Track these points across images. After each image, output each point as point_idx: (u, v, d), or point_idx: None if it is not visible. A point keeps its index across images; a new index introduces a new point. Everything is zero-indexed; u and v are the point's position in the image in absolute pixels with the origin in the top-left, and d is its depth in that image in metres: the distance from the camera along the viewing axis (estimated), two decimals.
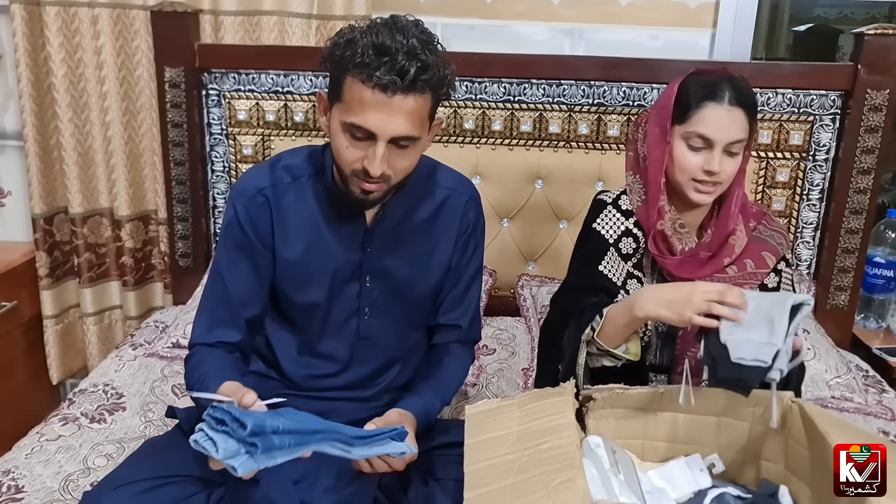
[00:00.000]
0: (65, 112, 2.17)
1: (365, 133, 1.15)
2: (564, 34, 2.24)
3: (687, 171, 1.32)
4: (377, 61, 1.10)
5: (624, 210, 1.42)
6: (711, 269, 1.36)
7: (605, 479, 1.01)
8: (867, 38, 1.91)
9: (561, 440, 0.99)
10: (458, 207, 1.39)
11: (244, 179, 1.34)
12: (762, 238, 1.41)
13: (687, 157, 1.31)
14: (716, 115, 1.28)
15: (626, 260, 1.41)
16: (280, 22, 2.13)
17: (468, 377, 1.76)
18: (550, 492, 0.89)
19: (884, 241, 2.13)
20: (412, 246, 1.36)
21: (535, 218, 2.13)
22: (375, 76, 1.10)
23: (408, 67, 1.10)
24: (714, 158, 1.29)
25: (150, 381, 1.75)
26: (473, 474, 0.97)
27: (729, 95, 1.28)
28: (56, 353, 2.36)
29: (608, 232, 1.41)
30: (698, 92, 1.30)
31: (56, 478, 1.37)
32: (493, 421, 1.09)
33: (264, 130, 2.14)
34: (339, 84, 1.16)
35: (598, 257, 1.40)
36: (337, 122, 1.18)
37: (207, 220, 2.22)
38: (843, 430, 1.04)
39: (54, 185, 2.29)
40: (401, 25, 1.14)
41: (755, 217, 1.44)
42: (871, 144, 1.95)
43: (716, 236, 1.38)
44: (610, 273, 1.39)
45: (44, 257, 2.28)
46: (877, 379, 1.88)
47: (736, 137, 1.29)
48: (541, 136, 2.08)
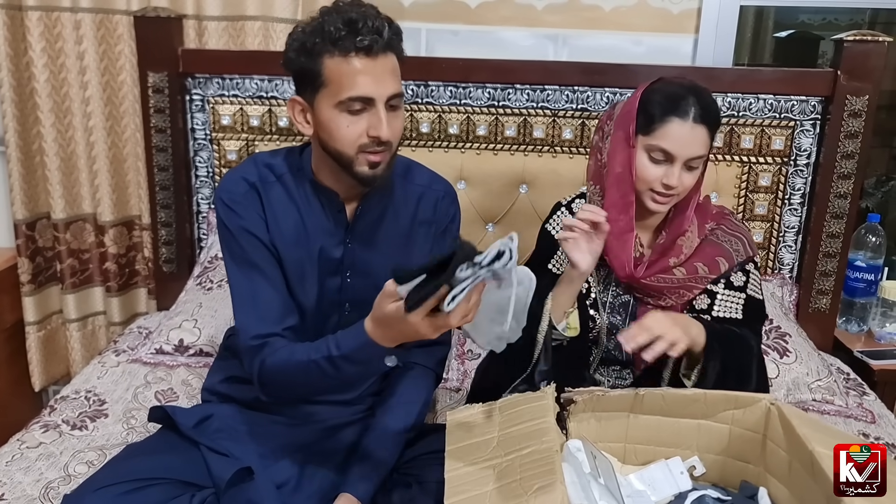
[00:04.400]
0: (47, 117, 2.16)
1: (362, 102, 1.18)
2: (548, 40, 2.25)
3: (646, 182, 1.34)
4: (353, 30, 1.15)
5: (575, 212, 1.46)
6: (657, 269, 1.39)
7: (585, 484, 1.01)
8: (846, 45, 1.93)
9: (541, 445, 0.99)
10: (434, 202, 1.40)
11: (230, 179, 1.34)
12: (717, 242, 1.42)
13: (648, 168, 1.33)
14: (679, 131, 1.29)
15: None
16: (264, 27, 2.13)
17: (452, 382, 1.77)
18: (530, 497, 0.90)
19: (865, 244, 2.15)
20: (391, 242, 1.37)
21: (520, 222, 2.13)
22: (357, 42, 1.15)
23: (381, 27, 1.17)
24: (674, 173, 1.31)
25: (133, 387, 1.74)
26: (454, 480, 0.98)
27: (694, 112, 1.29)
28: (38, 359, 2.35)
29: (558, 231, 1.45)
30: (664, 105, 1.31)
31: (36, 485, 1.36)
32: (474, 427, 1.09)
33: (248, 135, 2.13)
34: (317, 72, 1.19)
35: (547, 256, 1.49)
36: (328, 108, 1.20)
37: (191, 225, 2.21)
38: (822, 432, 1.05)
39: (36, 190, 2.28)
40: (355, 1, 1.20)
41: (714, 218, 1.45)
42: (851, 150, 1.96)
43: (667, 238, 1.41)
44: (558, 271, 1.46)
45: (26, 263, 2.26)
46: (858, 382, 1.89)
47: (697, 154, 1.31)
48: (525, 140, 2.08)
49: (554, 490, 0.90)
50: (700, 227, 1.42)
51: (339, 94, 1.17)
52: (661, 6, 2.20)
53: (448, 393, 1.75)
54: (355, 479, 1.26)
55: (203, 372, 1.76)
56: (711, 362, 1.30)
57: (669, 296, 1.40)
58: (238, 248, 1.30)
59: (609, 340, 1.46)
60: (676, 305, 1.42)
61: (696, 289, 1.40)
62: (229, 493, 1.21)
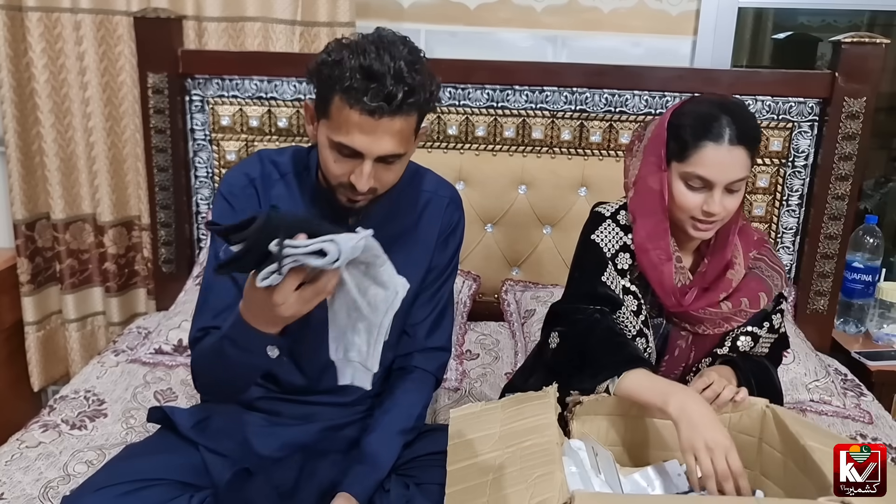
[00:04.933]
0: (47, 117, 2.17)
1: (352, 152, 1.16)
2: (547, 41, 2.25)
3: (686, 211, 1.27)
4: (365, 86, 1.10)
5: (622, 225, 1.37)
6: (706, 301, 1.33)
7: (585, 477, 1.02)
8: (844, 47, 1.93)
9: (542, 438, 1.00)
10: (439, 209, 1.40)
11: (232, 173, 1.34)
12: (761, 277, 1.37)
13: (687, 196, 1.26)
14: (716, 156, 1.22)
15: (622, 276, 1.36)
16: (264, 28, 2.13)
17: (451, 382, 1.77)
18: (529, 485, 0.91)
19: (863, 246, 2.15)
20: (395, 247, 1.35)
21: (518, 223, 2.14)
22: (363, 101, 1.10)
23: (395, 92, 1.10)
24: (714, 200, 1.23)
25: (133, 387, 1.74)
26: (455, 472, 0.99)
27: (729, 133, 1.21)
28: (38, 359, 2.35)
29: (607, 246, 1.37)
30: (696, 129, 1.24)
31: (36, 485, 1.37)
32: (477, 423, 1.10)
33: (248, 136, 2.14)
34: (326, 101, 1.16)
35: (600, 269, 1.35)
36: (324, 136, 1.19)
37: (191, 225, 2.21)
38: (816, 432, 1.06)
39: (36, 190, 2.28)
40: (387, 43, 1.14)
41: (755, 245, 1.40)
42: (848, 151, 1.97)
43: (712, 266, 1.35)
44: (612, 285, 1.35)
45: (25, 263, 2.27)
46: (855, 383, 1.90)
47: (737, 177, 1.24)
48: (524, 141, 2.09)
49: (553, 477, 0.90)
50: (745, 257, 1.37)
51: (335, 133, 1.16)
52: (660, 8, 2.20)
53: (447, 392, 1.76)
54: (353, 480, 1.26)
55: None
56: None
57: (709, 326, 1.36)
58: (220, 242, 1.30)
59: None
60: (711, 334, 1.37)
61: (734, 321, 1.35)
62: (228, 495, 1.22)
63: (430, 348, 1.44)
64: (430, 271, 1.41)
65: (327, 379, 1.38)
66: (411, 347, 1.43)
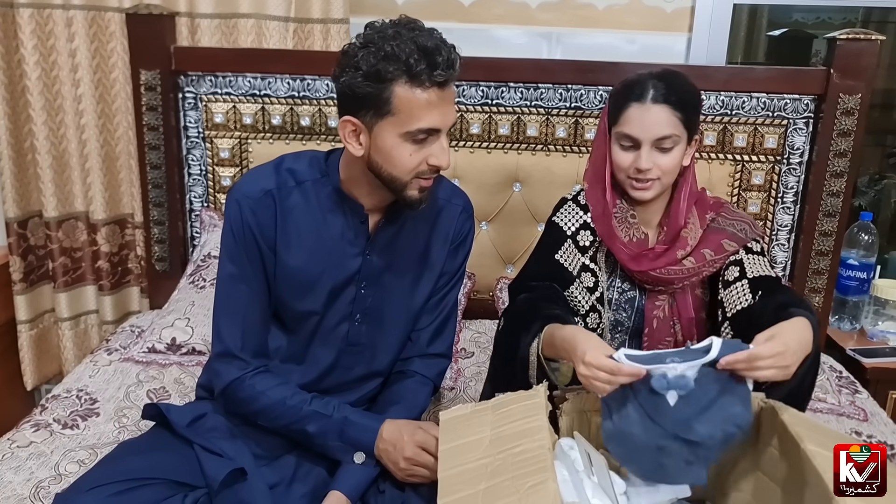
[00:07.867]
0: (39, 115, 2.15)
1: (428, 133, 1.18)
2: (542, 38, 2.25)
3: (621, 170, 1.37)
4: (431, 61, 1.13)
5: (582, 205, 1.46)
6: (665, 261, 1.40)
7: (577, 482, 1.01)
8: (839, 43, 1.93)
9: (533, 443, 0.99)
10: (452, 216, 1.41)
11: (249, 181, 1.32)
12: (720, 228, 1.43)
13: (619, 156, 1.36)
14: (637, 114, 1.31)
15: (583, 252, 1.45)
16: (257, 25, 2.12)
17: (446, 381, 1.77)
18: (522, 495, 0.89)
19: (857, 243, 2.15)
20: (408, 255, 1.37)
21: (513, 220, 2.13)
22: (433, 76, 1.13)
23: (454, 59, 1.16)
24: (641, 157, 1.32)
25: (125, 386, 1.73)
26: (447, 480, 0.97)
27: (653, 93, 1.30)
28: (30, 358, 2.34)
29: (566, 224, 1.46)
30: (623, 93, 1.35)
31: (27, 484, 1.36)
32: (467, 426, 1.09)
33: (241, 133, 2.13)
34: (385, 99, 1.15)
35: (554, 247, 1.45)
36: (393, 136, 1.17)
37: (184, 223, 2.20)
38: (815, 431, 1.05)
39: (28, 188, 2.26)
40: (410, 23, 1.17)
41: (712, 208, 1.46)
42: (843, 148, 1.97)
43: (668, 231, 1.41)
44: (566, 262, 1.44)
45: (18, 261, 2.25)
46: (850, 380, 1.90)
47: (661, 134, 1.31)
48: (519, 139, 2.08)
49: (546, 487, 0.89)
50: (701, 219, 1.43)
51: (407, 124, 1.16)
52: (655, 5, 2.20)
53: (441, 391, 1.75)
54: (345, 477, 1.26)
55: (195, 370, 1.76)
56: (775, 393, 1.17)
57: (678, 285, 1.42)
58: (236, 250, 1.29)
59: (613, 338, 1.46)
60: (689, 286, 1.42)
61: (705, 273, 1.41)
62: (222, 494, 1.21)
63: (431, 354, 1.45)
64: (441, 277, 1.42)
65: (327, 379, 1.39)
66: (412, 352, 1.43)
